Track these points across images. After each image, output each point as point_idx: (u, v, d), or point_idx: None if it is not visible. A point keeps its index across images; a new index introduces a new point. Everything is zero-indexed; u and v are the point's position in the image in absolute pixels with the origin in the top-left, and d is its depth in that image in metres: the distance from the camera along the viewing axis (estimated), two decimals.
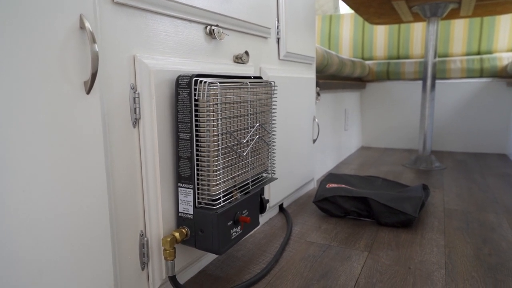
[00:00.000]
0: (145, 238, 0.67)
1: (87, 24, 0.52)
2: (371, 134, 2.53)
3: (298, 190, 1.37)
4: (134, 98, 0.63)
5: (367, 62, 2.48)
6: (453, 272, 0.83)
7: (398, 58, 2.50)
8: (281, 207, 1.23)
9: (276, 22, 1.10)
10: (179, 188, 0.70)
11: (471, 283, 0.78)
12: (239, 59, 0.90)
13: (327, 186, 1.21)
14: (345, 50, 2.63)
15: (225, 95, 0.69)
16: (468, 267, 0.85)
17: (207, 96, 0.65)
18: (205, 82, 0.65)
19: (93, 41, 0.52)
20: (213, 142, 0.66)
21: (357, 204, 1.13)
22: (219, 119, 0.67)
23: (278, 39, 1.12)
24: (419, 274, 0.82)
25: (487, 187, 1.49)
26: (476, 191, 1.44)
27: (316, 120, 1.44)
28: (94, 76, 0.53)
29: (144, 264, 0.67)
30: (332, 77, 1.94)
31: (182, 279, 0.79)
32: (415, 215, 1.05)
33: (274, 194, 1.12)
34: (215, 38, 0.81)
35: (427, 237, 1.02)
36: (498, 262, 0.87)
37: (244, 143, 0.76)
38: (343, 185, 1.23)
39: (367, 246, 0.96)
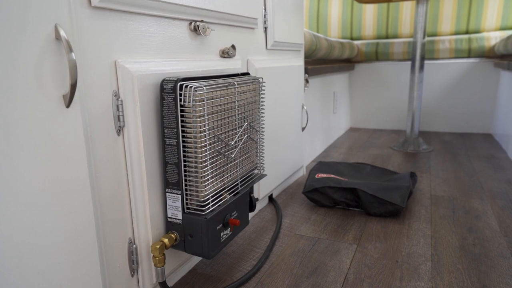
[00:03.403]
0: (134, 245, 0.66)
1: (62, 33, 0.49)
2: (360, 115, 2.53)
3: (287, 179, 1.38)
4: (118, 106, 0.61)
5: (356, 42, 2.45)
6: (439, 265, 0.85)
7: (387, 37, 2.47)
8: (270, 197, 1.24)
9: (263, 11, 1.06)
10: (167, 194, 0.68)
11: (456, 276, 0.80)
12: (226, 54, 0.88)
13: (316, 176, 1.21)
14: (334, 29, 2.59)
15: (212, 99, 0.67)
16: (454, 258, 0.87)
17: (193, 102, 0.63)
18: (190, 87, 0.62)
19: (70, 50, 0.50)
20: (201, 148, 0.65)
21: (346, 195, 1.13)
22: (206, 124, 0.65)
23: (266, 28, 1.09)
24: (406, 267, 0.84)
25: (472, 171, 1.52)
26: (462, 175, 1.47)
27: (305, 107, 1.42)
28: (73, 87, 0.51)
29: (133, 271, 0.67)
30: (321, 61, 1.91)
31: (172, 280, 0.79)
32: (402, 205, 1.06)
33: (264, 186, 1.12)
34: (200, 34, 0.78)
35: (414, 227, 1.03)
36: (482, 252, 0.90)
37: (232, 145, 0.74)
38: (332, 175, 1.23)
39: (356, 238, 0.97)
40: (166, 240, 0.67)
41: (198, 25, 0.76)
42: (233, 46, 0.89)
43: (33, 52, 0.46)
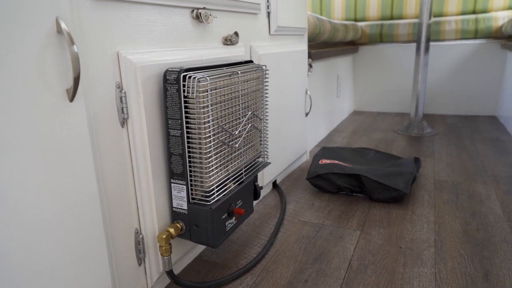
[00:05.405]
0: (140, 236, 0.67)
1: (63, 26, 0.48)
2: (364, 98, 2.51)
3: (291, 165, 1.38)
4: (121, 97, 0.60)
5: (360, 23, 2.40)
6: (442, 250, 0.86)
7: (392, 18, 2.43)
8: (274, 184, 1.24)
9: None
10: (172, 184, 0.69)
11: (459, 262, 0.81)
12: (229, 41, 0.86)
13: (320, 162, 1.21)
14: (338, 10, 2.54)
15: (216, 89, 0.66)
16: (457, 244, 0.88)
17: (196, 93, 0.62)
18: (194, 78, 0.62)
19: (72, 42, 0.49)
20: (205, 139, 0.65)
21: (350, 181, 1.14)
22: (210, 115, 0.65)
23: (269, 13, 1.07)
24: (410, 253, 0.85)
25: (476, 154, 1.52)
26: (466, 159, 1.46)
27: (308, 92, 1.41)
28: (76, 80, 0.50)
29: (140, 260, 0.68)
30: (324, 44, 1.88)
31: (179, 267, 0.81)
32: (406, 191, 1.07)
33: (268, 172, 1.12)
34: (202, 22, 0.77)
35: (417, 212, 1.04)
36: (485, 237, 0.90)
37: (236, 134, 0.74)
38: (336, 161, 1.23)
39: (360, 225, 0.98)
40: (172, 230, 0.68)
41: (200, 13, 0.75)
42: (236, 33, 0.88)
43: (35, 47, 0.46)
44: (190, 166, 0.67)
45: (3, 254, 0.45)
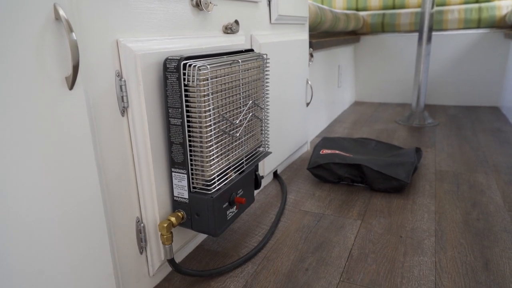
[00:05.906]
0: (142, 224, 0.67)
1: (61, 12, 0.48)
2: (365, 89, 2.50)
3: (292, 155, 1.38)
4: (121, 86, 0.60)
5: (362, 13, 2.38)
6: (442, 240, 0.86)
7: (394, 7, 2.40)
8: (275, 174, 1.24)
9: None
10: (173, 173, 0.69)
11: (459, 251, 0.81)
12: (229, 30, 0.85)
13: (321, 152, 1.21)
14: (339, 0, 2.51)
15: (216, 77, 0.66)
16: (457, 233, 0.88)
17: (197, 81, 0.62)
18: (194, 66, 0.61)
19: (70, 30, 0.49)
20: (206, 128, 0.64)
21: (350, 171, 1.14)
22: (211, 103, 0.65)
23: (269, 1, 1.06)
24: (410, 242, 0.85)
25: (478, 145, 1.51)
26: (467, 150, 1.46)
27: (309, 82, 1.40)
28: (76, 68, 0.50)
29: (142, 248, 0.68)
30: (325, 34, 1.87)
31: (180, 256, 0.81)
32: (407, 181, 1.06)
33: (268, 162, 1.12)
34: (202, 10, 0.76)
35: (418, 202, 1.04)
36: (485, 227, 0.90)
37: (237, 123, 0.74)
38: (337, 151, 1.23)
39: (360, 214, 0.98)
40: (173, 219, 0.68)
41: (200, 0, 0.74)
42: (236, 22, 0.87)
43: (33, 35, 0.45)
44: (191, 155, 0.67)
45: (5, 245, 0.46)
